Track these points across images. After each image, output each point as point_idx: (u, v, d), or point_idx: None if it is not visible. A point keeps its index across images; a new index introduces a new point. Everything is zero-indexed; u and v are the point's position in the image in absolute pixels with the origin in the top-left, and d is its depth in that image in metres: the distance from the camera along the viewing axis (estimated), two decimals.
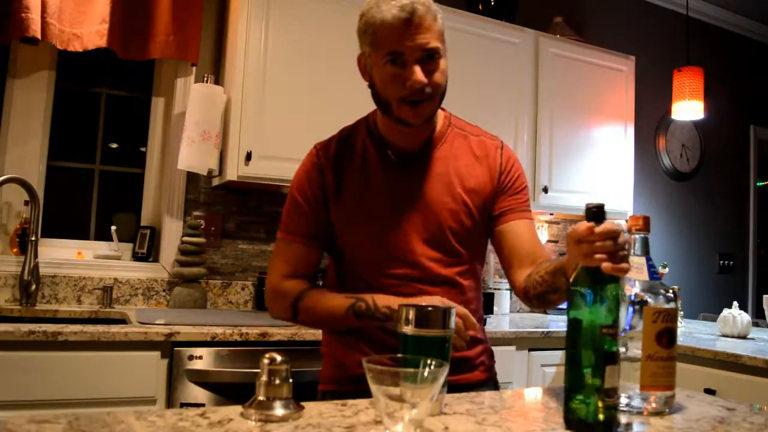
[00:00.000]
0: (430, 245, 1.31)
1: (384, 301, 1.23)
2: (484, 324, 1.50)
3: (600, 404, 0.86)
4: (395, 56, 1.21)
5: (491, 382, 1.43)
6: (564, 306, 0.98)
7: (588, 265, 0.89)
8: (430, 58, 1.22)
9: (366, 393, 1.08)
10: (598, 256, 0.88)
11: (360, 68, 1.32)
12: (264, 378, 0.89)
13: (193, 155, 2.43)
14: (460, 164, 1.36)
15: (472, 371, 1.36)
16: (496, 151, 1.41)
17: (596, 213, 0.93)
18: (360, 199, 1.32)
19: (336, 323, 1.30)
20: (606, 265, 0.87)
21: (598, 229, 0.90)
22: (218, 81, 2.63)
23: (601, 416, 0.86)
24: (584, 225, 0.91)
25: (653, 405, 0.99)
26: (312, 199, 1.33)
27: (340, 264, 1.38)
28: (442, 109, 1.39)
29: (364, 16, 1.24)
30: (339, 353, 1.36)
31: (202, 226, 2.60)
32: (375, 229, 1.31)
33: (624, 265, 0.88)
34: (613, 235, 0.89)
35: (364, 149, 1.35)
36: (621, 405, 1.00)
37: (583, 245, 0.90)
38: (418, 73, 1.20)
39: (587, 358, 0.87)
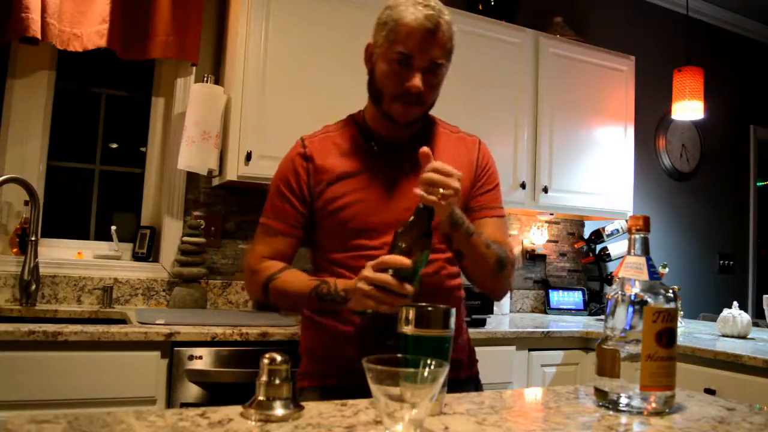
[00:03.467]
0: None
1: (344, 284, 1.25)
2: (468, 320, 1.50)
3: None
4: (405, 57, 1.27)
5: (472, 382, 1.41)
6: (564, 306, 1.00)
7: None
8: (433, 71, 1.30)
9: (351, 388, 1.09)
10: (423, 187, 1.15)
11: (365, 54, 1.37)
12: (264, 378, 0.89)
13: (193, 155, 2.43)
14: (443, 157, 1.38)
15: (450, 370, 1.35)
16: (474, 146, 1.47)
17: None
18: (345, 185, 1.35)
19: (302, 305, 1.34)
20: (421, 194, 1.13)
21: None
22: (218, 81, 2.63)
23: None
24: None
25: (653, 405, 0.99)
26: (296, 188, 1.38)
27: (319, 250, 1.41)
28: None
29: (389, 9, 1.30)
30: (320, 350, 1.38)
31: (202, 226, 2.60)
32: (359, 214, 1.33)
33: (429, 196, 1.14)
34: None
35: (350, 140, 1.40)
36: (621, 405, 1.00)
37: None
38: (418, 80, 1.28)
39: None
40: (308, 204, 1.37)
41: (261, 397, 0.87)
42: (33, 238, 2.30)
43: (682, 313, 2.79)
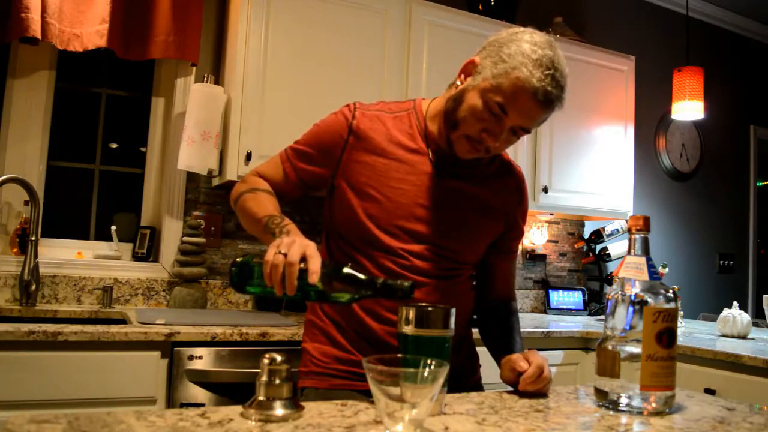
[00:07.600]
0: (434, 248, 1.29)
1: (290, 230, 1.16)
2: (470, 324, 1.45)
3: None
4: (501, 110, 1.19)
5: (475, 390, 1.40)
6: (564, 306, 1.00)
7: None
8: (518, 134, 1.24)
9: (343, 389, 1.08)
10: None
11: (465, 68, 1.27)
12: (264, 378, 0.89)
13: (193, 155, 2.43)
14: (491, 184, 1.37)
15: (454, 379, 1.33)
16: (520, 183, 1.43)
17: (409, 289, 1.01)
18: (380, 177, 1.28)
19: (252, 225, 1.27)
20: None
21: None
22: (218, 81, 2.63)
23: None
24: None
25: (653, 405, 0.99)
26: (325, 149, 1.32)
27: (332, 235, 1.36)
28: None
29: (516, 47, 1.19)
30: (315, 348, 1.35)
31: (202, 226, 2.59)
32: (384, 212, 1.27)
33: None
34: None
35: (402, 131, 1.32)
36: (621, 405, 1.00)
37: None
38: (499, 140, 1.22)
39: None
40: (330, 170, 1.32)
41: (261, 397, 0.88)
42: (33, 238, 2.30)
43: (682, 313, 2.79)
